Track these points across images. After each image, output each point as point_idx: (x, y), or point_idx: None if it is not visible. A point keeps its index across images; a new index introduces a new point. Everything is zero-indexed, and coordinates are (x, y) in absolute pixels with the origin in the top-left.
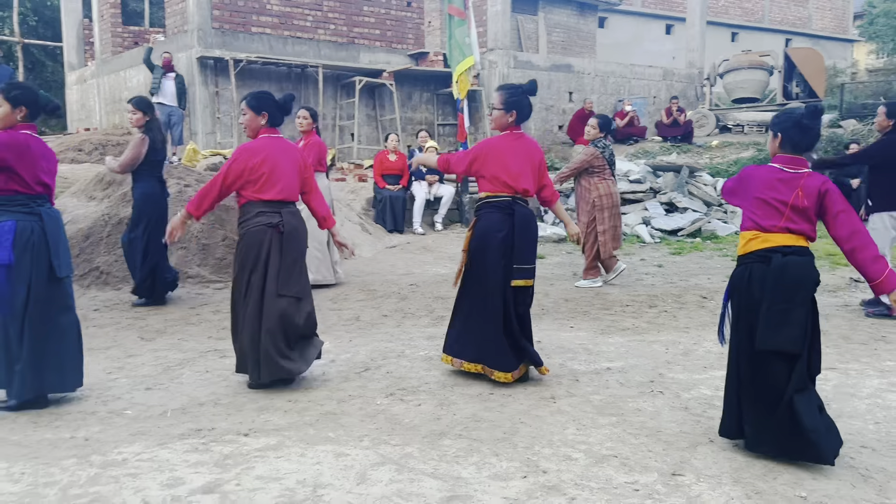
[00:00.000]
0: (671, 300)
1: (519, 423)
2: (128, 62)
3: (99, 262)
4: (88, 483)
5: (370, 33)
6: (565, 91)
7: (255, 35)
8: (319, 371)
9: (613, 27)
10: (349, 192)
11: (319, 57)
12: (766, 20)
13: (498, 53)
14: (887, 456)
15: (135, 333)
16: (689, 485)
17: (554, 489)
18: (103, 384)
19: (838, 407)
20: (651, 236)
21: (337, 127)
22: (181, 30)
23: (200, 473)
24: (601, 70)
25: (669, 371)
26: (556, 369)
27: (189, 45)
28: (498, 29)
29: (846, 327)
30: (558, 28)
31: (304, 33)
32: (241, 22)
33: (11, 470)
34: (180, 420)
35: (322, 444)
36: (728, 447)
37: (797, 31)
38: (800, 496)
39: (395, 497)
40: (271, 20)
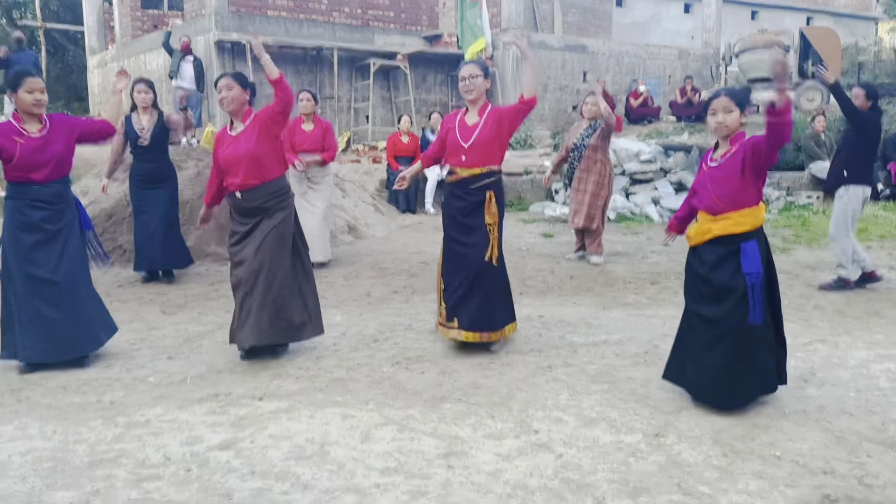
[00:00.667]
0: (673, 277)
1: (515, 390)
2: (147, 46)
3: (122, 241)
4: (114, 441)
5: (384, 15)
6: (580, 71)
7: (271, 18)
8: (330, 342)
9: (631, 6)
10: (363, 173)
11: (334, 39)
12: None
13: (512, 33)
14: (863, 420)
15: (157, 308)
16: (671, 444)
17: (543, 447)
18: (127, 354)
19: (823, 376)
20: (660, 215)
21: (352, 109)
22: (199, 14)
23: (217, 433)
24: (616, 50)
25: (664, 343)
26: (555, 341)
27: (207, 28)
28: (512, 9)
29: (842, 303)
30: (574, 8)
31: (319, 16)
32: (257, 5)
33: (44, 429)
34: (199, 386)
35: (330, 407)
36: (711, 412)
37: (819, 9)
38: (774, 455)
39: (396, 453)
40: (287, 3)
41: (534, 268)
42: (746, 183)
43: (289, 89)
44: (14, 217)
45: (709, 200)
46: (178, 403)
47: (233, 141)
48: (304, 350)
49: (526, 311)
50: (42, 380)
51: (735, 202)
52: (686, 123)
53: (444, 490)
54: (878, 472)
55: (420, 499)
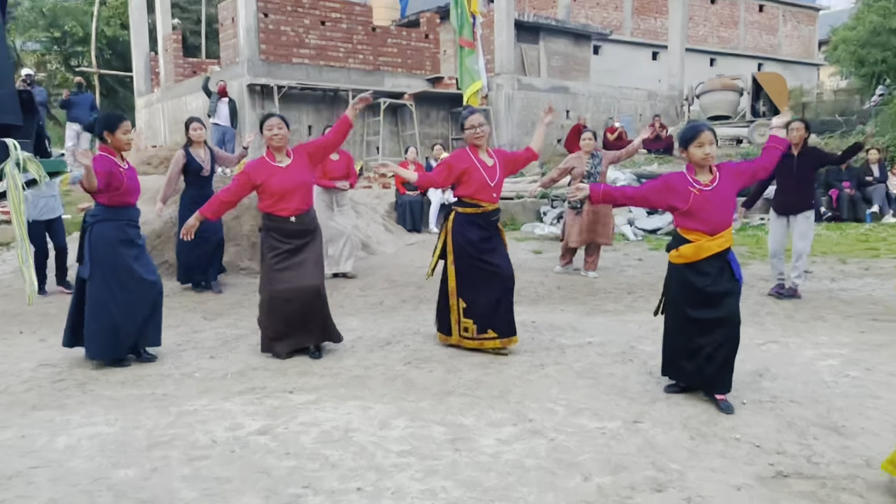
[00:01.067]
0: (646, 288)
1: (512, 385)
2: (188, 89)
3: (168, 257)
4: (167, 427)
5: (393, 61)
6: (563, 109)
7: (295, 65)
8: (349, 345)
9: (606, 54)
10: (374, 197)
11: (349, 82)
12: (740, 47)
13: (504, 77)
14: (809, 408)
15: (199, 315)
16: (646, 429)
17: (537, 433)
18: (175, 353)
19: (776, 371)
20: (634, 234)
21: (364, 141)
22: (233, 61)
23: (256, 420)
24: (594, 91)
25: (640, 344)
26: (546, 343)
27: (240, 74)
28: (504, 56)
29: (791, 309)
30: (557, 55)
31: (336, 62)
32: (283, 54)
33: (107, 417)
34: (238, 381)
35: (352, 399)
36: (681, 401)
37: (768, 57)
38: (735, 438)
39: (409, 438)
40: (309, 52)
41: (526, 280)
42: (733, 204)
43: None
44: (116, 235)
45: (714, 223)
46: (221, 395)
47: (283, 172)
48: (326, 351)
49: (520, 317)
50: (103, 376)
51: (727, 222)
52: (655, 155)
53: (452, 469)
54: (822, 452)
55: (432, 476)
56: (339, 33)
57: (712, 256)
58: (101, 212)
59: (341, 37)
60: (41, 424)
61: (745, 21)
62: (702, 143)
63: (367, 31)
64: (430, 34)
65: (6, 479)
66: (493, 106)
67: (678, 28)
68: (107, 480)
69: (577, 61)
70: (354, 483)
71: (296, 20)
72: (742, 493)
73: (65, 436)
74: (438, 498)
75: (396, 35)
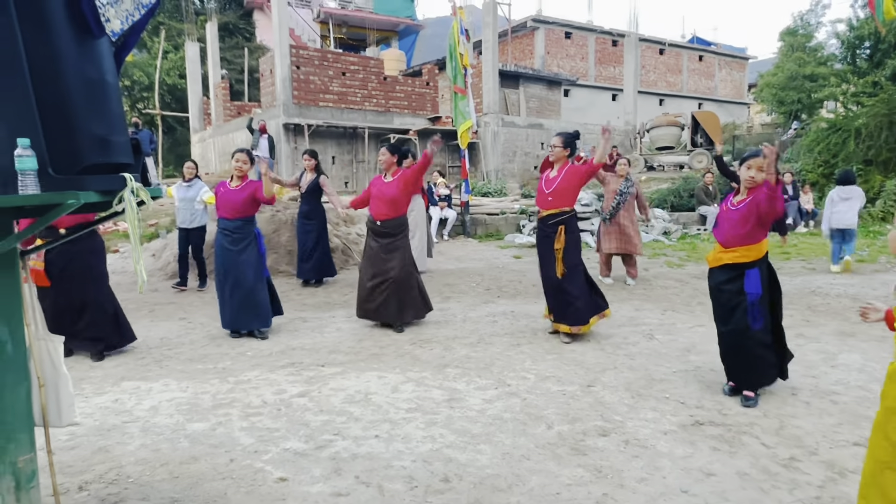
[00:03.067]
0: (604, 286)
1: (495, 359)
2: (234, 127)
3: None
4: (227, 392)
5: (400, 104)
6: (538, 142)
7: (321, 108)
8: (367, 331)
9: (574, 96)
10: None
11: (365, 121)
12: (684, 90)
13: (490, 116)
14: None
15: None
16: (597, 391)
17: (514, 395)
18: (230, 338)
19: (701, 347)
20: (595, 243)
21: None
22: (271, 104)
23: (295, 386)
24: (564, 127)
25: (597, 328)
26: (522, 328)
27: (277, 115)
28: (490, 99)
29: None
30: (534, 98)
31: (355, 105)
32: (312, 98)
33: (180, 384)
34: (280, 358)
35: (370, 371)
36: (625, 371)
37: (707, 98)
38: (665, 397)
39: (415, 399)
40: (332, 97)
41: (508, 279)
42: (752, 227)
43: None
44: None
45: (724, 236)
46: (268, 368)
47: (384, 185)
48: (349, 334)
49: (502, 308)
50: (175, 354)
51: (741, 240)
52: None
53: (447, 421)
54: (731, 407)
55: (432, 426)
56: (356, 82)
57: (726, 267)
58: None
59: (358, 84)
60: (129, 391)
61: (688, 68)
62: (749, 166)
63: (380, 79)
64: (431, 82)
65: (105, 430)
66: (481, 140)
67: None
68: (183, 431)
69: (550, 103)
70: (373, 431)
71: (322, 71)
72: (668, 436)
73: (149, 399)
74: (437, 441)
75: (403, 83)
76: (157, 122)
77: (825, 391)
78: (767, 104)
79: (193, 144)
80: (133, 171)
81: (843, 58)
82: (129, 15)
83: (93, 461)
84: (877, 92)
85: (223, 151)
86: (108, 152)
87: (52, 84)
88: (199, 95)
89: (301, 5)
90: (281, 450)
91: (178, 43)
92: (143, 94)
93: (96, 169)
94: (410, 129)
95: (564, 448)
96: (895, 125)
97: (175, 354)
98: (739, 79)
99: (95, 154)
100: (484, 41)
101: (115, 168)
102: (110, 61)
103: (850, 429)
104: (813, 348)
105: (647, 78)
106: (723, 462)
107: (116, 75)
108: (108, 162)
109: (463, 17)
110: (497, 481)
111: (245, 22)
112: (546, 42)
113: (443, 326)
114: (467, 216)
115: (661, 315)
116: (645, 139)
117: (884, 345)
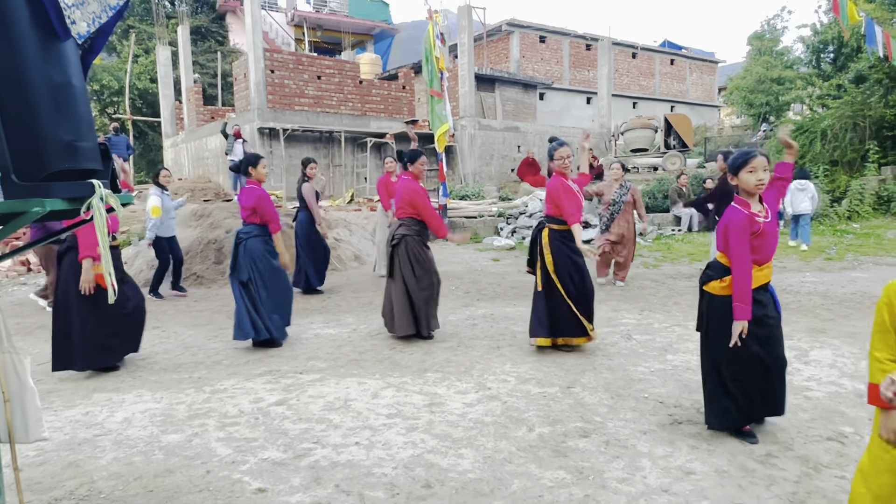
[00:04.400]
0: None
1: (475, 362)
2: (207, 132)
3: (196, 269)
4: (204, 402)
5: (377, 107)
6: (515, 145)
7: (297, 111)
8: (347, 335)
9: (550, 100)
10: (363, 217)
11: (342, 125)
12: (657, 93)
13: (467, 119)
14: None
15: (223, 315)
16: (577, 392)
17: (494, 398)
18: (206, 346)
19: (678, 347)
20: None
21: (354, 173)
22: (246, 109)
23: (273, 395)
24: (540, 130)
25: None
26: (501, 330)
27: (252, 119)
28: (466, 103)
29: (693, 299)
30: (510, 101)
31: (331, 109)
32: (287, 103)
33: (154, 395)
34: (258, 365)
35: (349, 377)
36: (604, 371)
37: (679, 100)
38: (644, 396)
39: (396, 405)
40: (308, 101)
41: (487, 282)
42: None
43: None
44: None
45: (769, 253)
46: (245, 377)
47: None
48: (327, 340)
49: (481, 310)
50: (149, 364)
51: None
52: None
53: (428, 426)
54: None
55: (413, 431)
56: (332, 86)
57: (761, 287)
58: (252, 229)
59: (334, 88)
60: (101, 403)
61: (660, 72)
62: (754, 169)
63: (356, 83)
64: (407, 85)
65: (76, 444)
66: (458, 143)
67: (606, 78)
68: (158, 443)
69: (526, 106)
70: (353, 439)
71: (297, 75)
72: (648, 436)
73: (121, 411)
74: (418, 447)
75: (379, 87)
76: (127, 127)
77: (798, 387)
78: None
79: (166, 150)
80: (102, 177)
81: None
82: (95, 17)
83: (62, 477)
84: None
85: (196, 157)
86: (75, 158)
87: (15, 88)
88: (172, 100)
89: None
90: (259, 460)
91: (148, 47)
92: (113, 98)
93: (63, 175)
94: (387, 132)
95: (546, 450)
96: (859, 127)
97: (149, 364)
98: (710, 82)
99: (61, 160)
100: (459, 45)
101: (83, 174)
102: (77, 64)
103: (823, 424)
104: (786, 345)
105: (620, 81)
106: (702, 460)
107: (83, 79)
108: (76, 168)
109: (438, 21)
110: (479, 486)
111: (217, 25)
112: (521, 46)
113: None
114: (445, 219)
115: (639, 315)
116: (620, 142)
117: (854, 340)
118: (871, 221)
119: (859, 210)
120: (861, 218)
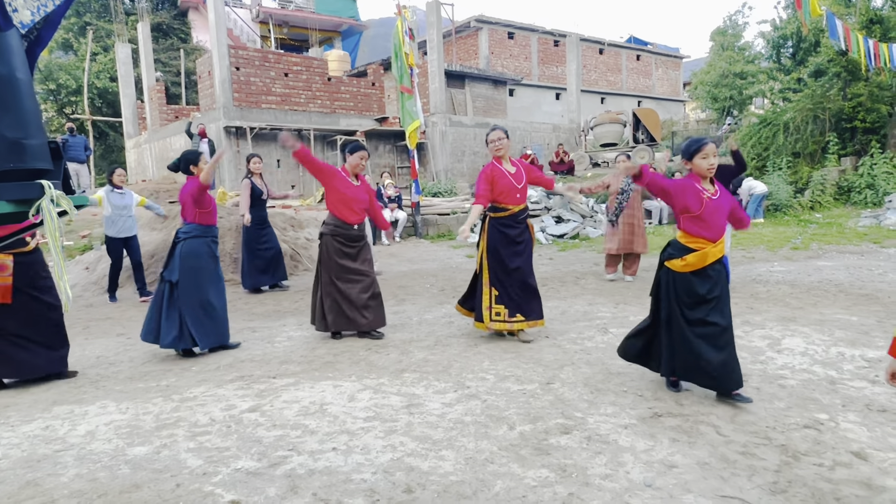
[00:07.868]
0: (556, 280)
1: (453, 361)
2: (171, 131)
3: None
4: (172, 411)
5: (346, 105)
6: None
7: (264, 109)
8: (320, 338)
9: (519, 95)
10: None
11: (311, 123)
12: (624, 88)
13: (438, 116)
14: None
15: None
16: (557, 388)
17: (473, 396)
18: (173, 352)
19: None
20: (546, 239)
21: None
22: (211, 107)
23: (246, 401)
24: (510, 126)
25: (551, 325)
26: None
27: (217, 118)
28: (437, 99)
29: None
30: (480, 97)
31: (299, 107)
32: (254, 101)
33: (119, 406)
34: (229, 371)
35: (324, 380)
36: (583, 366)
37: (646, 95)
38: (623, 391)
39: (374, 407)
40: (275, 99)
41: (462, 279)
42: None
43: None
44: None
45: (718, 229)
46: (216, 384)
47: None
48: (301, 343)
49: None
50: (113, 373)
51: (724, 230)
52: (561, 175)
53: (408, 428)
54: (687, 397)
55: (392, 434)
56: (300, 83)
57: (715, 262)
58: (193, 229)
59: (302, 86)
60: (62, 416)
61: (627, 67)
62: (706, 155)
63: (324, 80)
64: (376, 82)
65: (35, 461)
66: (429, 140)
67: (574, 74)
68: (123, 457)
69: (496, 102)
70: (330, 444)
71: (263, 72)
72: (629, 430)
73: (84, 424)
74: (398, 450)
75: (348, 84)
76: (87, 128)
77: (773, 376)
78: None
79: (128, 150)
80: (53, 177)
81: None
82: (40, 5)
83: (20, 497)
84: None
85: (161, 157)
86: (21, 157)
87: None
88: (133, 99)
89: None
90: (232, 470)
91: (107, 44)
92: (70, 98)
93: (8, 176)
94: (357, 130)
95: (528, 449)
96: (819, 119)
97: (113, 374)
98: (675, 77)
99: (5, 159)
100: (429, 41)
101: (32, 174)
102: (21, 56)
103: (798, 412)
104: (759, 335)
105: (588, 77)
106: (683, 453)
107: (29, 72)
108: (23, 168)
109: (407, 17)
110: (462, 488)
111: (180, 22)
112: (490, 42)
113: (398, 330)
114: (418, 217)
115: (615, 308)
116: (589, 136)
117: (822, 328)
118: (832, 211)
119: (821, 200)
120: (823, 208)
